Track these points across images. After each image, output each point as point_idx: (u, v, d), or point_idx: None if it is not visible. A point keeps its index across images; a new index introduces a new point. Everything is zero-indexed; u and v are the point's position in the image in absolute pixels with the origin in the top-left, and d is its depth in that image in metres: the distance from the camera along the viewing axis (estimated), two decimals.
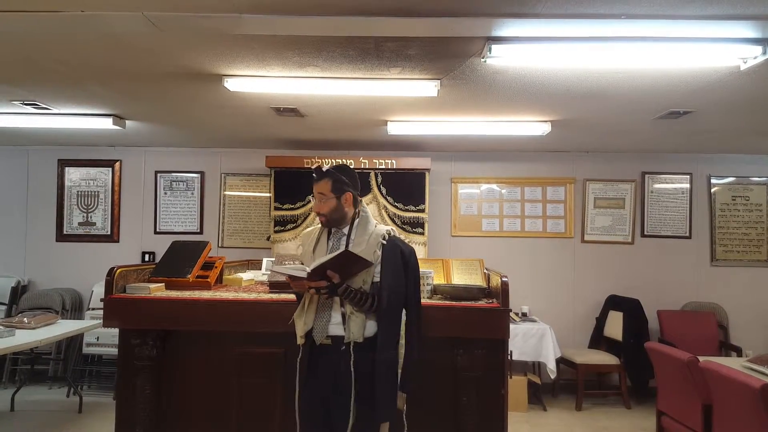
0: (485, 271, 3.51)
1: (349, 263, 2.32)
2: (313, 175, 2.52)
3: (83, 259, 6.02)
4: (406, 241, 5.37)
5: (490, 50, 2.81)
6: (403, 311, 2.44)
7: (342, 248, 2.45)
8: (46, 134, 5.46)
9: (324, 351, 2.42)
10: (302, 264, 2.53)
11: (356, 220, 2.53)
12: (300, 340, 2.46)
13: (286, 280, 2.43)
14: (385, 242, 2.45)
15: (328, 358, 2.41)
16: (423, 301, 2.90)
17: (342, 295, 2.34)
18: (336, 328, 2.40)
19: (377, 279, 2.42)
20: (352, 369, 2.34)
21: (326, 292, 2.33)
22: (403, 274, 2.44)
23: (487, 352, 2.80)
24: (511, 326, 3.21)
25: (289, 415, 2.57)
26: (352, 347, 2.36)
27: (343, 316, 2.38)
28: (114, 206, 6.10)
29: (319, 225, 2.60)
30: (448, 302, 2.90)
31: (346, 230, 2.51)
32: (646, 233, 5.93)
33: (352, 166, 5.27)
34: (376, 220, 2.73)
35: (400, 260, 2.44)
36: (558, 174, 5.98)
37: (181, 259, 3.43)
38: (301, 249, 2.64)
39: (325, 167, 2.54)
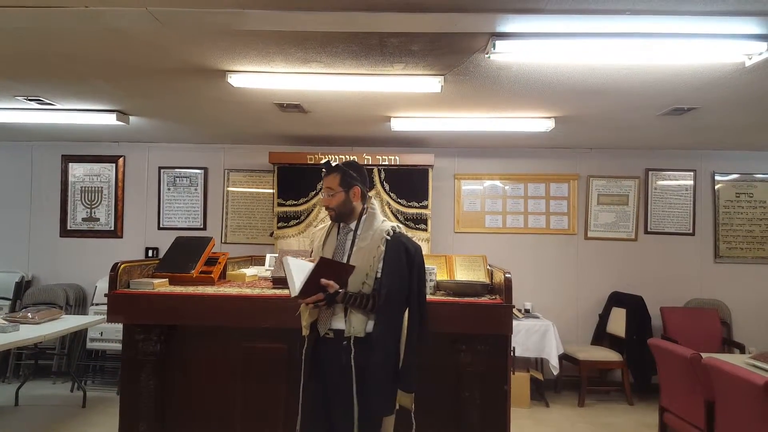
0: (488, 267, 3.51)
1: (333, 268, 2.35)
2: (323, 169, 2.56)
3: (87, 255, 6.04)
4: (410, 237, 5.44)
5: (494, 46, 2.80)
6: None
7: (349, 243, 2.48)
8: (49, 130, 5.47)
9: (326, 343, 2.44)
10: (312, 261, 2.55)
11: (363, 216, 2.54)
12: (305, 331, 2.47)
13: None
14: (389, 238, 2.44)
15: (330, 350, 2.42)
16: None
17: (342, 302, 2.37)
18: (338, 321, 2.42)
19: (381, 275, 2.41)
20: (352, 363, 2.35)
21: (324, 304, 2.35)
22: (406, 272, 2.42)
23: (490, 348, 2.81)
24: (514, 322, 3.20)
25: (293, 409, 2.58)
26: (352, 342, 2.37)
27: (345, 310, 2.40)
28: (118, 202, 6.12)
29: (329, 222, 2.64)
30: (451, 298, 2.90)
31: (353, 225, 2.54)
32: (649, 230, 5.92)
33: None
34: None
35: (404, 257, 2.42)
36: (561, 170, 5.97)
37: (185, 254, 3.44)
38: (313, 245, 2.71)
39: (334, 162, 2.57)
